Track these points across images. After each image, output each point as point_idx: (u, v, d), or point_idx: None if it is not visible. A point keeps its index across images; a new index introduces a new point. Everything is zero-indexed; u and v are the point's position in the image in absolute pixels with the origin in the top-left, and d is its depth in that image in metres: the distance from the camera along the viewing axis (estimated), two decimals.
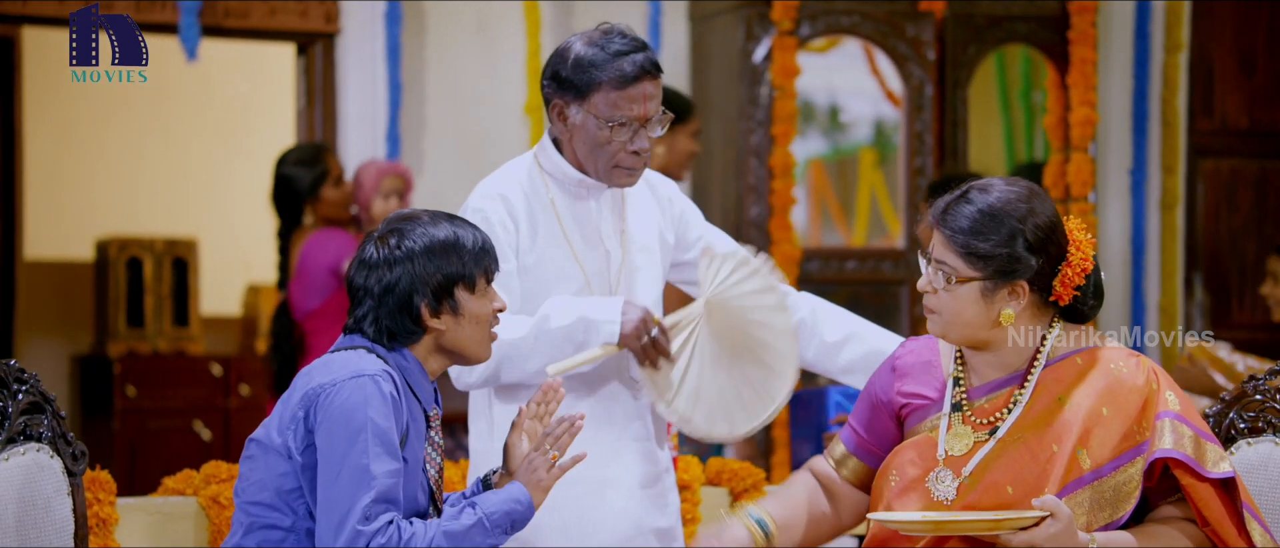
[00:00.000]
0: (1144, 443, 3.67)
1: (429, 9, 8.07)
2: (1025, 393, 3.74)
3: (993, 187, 3.75)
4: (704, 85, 8.27)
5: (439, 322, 3.76)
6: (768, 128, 7.88)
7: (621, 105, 4.41)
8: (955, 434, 3.76)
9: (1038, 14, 8.34)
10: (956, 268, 3.72)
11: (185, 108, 11.24)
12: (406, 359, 3.76)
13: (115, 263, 10.42)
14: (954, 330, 3.77)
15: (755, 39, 7.89)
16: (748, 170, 7.90)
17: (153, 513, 4.76)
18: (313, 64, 8.00)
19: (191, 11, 7.49)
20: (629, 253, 4.58)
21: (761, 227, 7.88)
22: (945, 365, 3.87)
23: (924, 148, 8.06)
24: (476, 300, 3.77)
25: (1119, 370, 3.73)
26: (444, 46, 8.08)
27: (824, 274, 8.01)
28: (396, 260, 3.73)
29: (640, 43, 4.45)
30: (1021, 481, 3.67)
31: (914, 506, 3.73)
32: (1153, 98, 8.80)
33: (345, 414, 3.58)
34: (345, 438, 3.57)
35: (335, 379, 3.62)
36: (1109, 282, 8.61)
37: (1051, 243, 3.72)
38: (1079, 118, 8.25)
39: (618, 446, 4.56)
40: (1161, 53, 8.79)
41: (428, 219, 3.79)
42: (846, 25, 8.07)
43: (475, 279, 3.77)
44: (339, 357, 3.69)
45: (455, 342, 3.78)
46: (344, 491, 3.55)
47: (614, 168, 4.48)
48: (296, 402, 3.65)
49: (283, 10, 7.85)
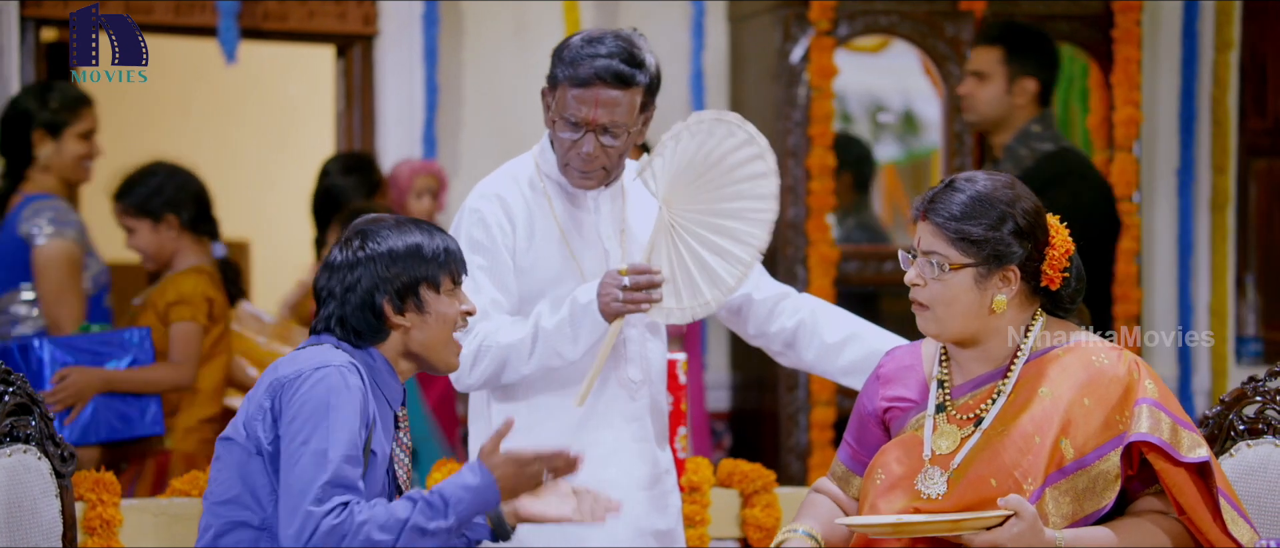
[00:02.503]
0: (1123, 433, 3.68)
1: (466, 10, 8.08)
2: (1008, 384, 3.76)
3: (977, 177, 3.79)
4: (742, 86, 8.24)
5: (405, 320, 3.78)
6: (805, 128, 7.84)
7: (571, 105, 4.40)
8: (941, 433, 3.77)
9: (1081, 13, 8.26)
10: (948, 255, 3.73)
11: (236, 110, 11.30)
12: (373, 358, 3.79)
13: None
14: (946, 323, 3.77)
15: (792, 39, 7.85)
16: (785, 171, 7.85)
17: (158, 514, 4.77)
18: (351, 66, 8.02)
19: (230, 14, 7.53)
20: (629, 252, 4.57)
21: (799, 228, 7.84)
22: (928, 369, 3.89)
23: (963, 148, 8.00)
24: (443, 301, 3.81)
25: (1100, 362, 3.75)
26: (481, 48, 8.09)
27: (862, 275, 7.96)
28: (359, 262, 3.77)
29: (627, 53, 4.41)
30: (1004, 472, 3.67)
31: (899, 503, 3.74)
32: (1202, 97, 8.70)
33: (308, 402, 3.61)
34: (307, 424, 3.59)
35: (300, 370, 3.66)
36: (1157, 283, 8.62)
37: (1038, 228, 3.77)
38: (1123, 117, 8.17)
39: (616, 446, 4.55)
40: (1211, 51, 8.68)
41: (392, 224, 3.83)
42: (885, 25, 8.02)
43: (440, 280, 3.81)
44: (305, 351, 3.73)
45: (421, 342, 3.81)
46: (301, 474, 3.56)
47: (566, 166, 4.49)
48: (262, 393, 3.68)
49: (321, 12, 7.88)
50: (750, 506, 5.30)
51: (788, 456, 7.78)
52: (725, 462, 5.29)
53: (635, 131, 4.47)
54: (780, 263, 7.77)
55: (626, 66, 4.39)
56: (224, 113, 11.31)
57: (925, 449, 3.76)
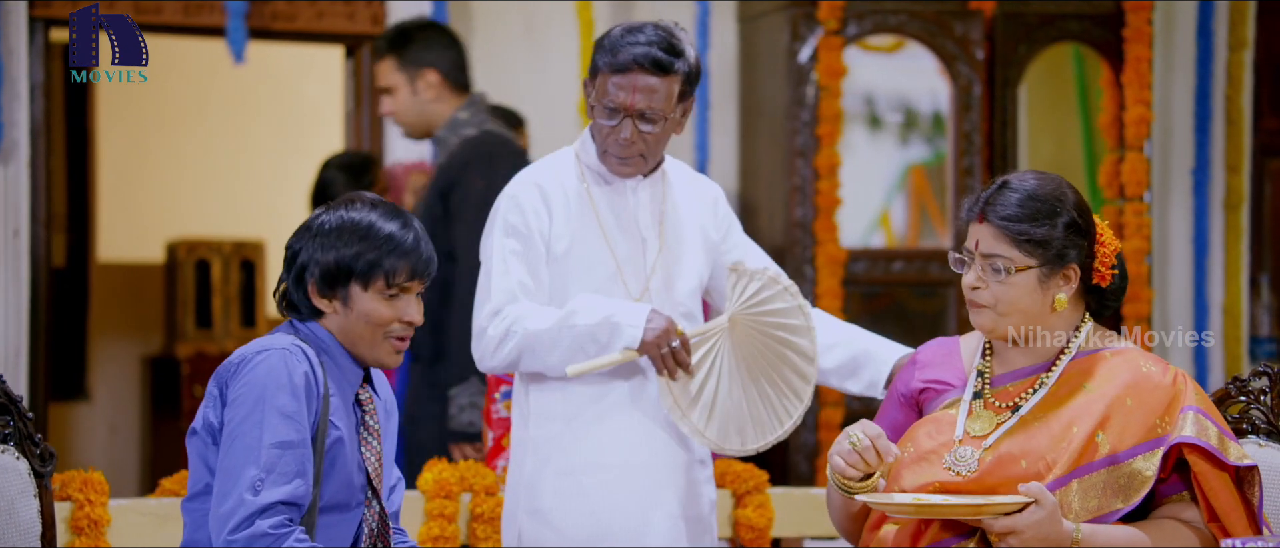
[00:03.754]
0: (1165, 436, 3.68)
1: (476, 11, 8.08)
2: (1053, 376, 3.77)
3: (1027, 176, 3.80)
4: (752, 86, 8.23)
5: (326, 305, 3.69)
6: (813, 128, 7.82)
7: (611, 91, 4.47)
8: (976, 417, 3.77)
9: (1091, 12, 8.22)
10: (1012, 258, 3.73)
11: (254, 111, 11.34)
12: (320, 337, 3.70)
13: (184, 265, 10.54)
14: (1008, 322, 3.78)
15: (801, 39, 7.83)
16: (794, 171, 7.84)
17: (146, 515, 4.78)
18: (360, 66, 8.02)
19: (238, 14, 7.53)
20: (666, 244, 4.61)
21: (807, 227, 7.82)
22: (967, 360, 3.90)
23: (972, 148, 7.97)
24: (369, 299, 3.67)
25: (1147, 368, 3.75)
26: (491, 48, 8.08)
27: (870, 275, 7.94)
28: (308, 231, 3.69)
29: (666, 42, 4.48)
30: (1036, 455, 3.68)
31: (926, 477, 3.73)
32: (1216, 96, 8.65)
33: (246, 387, 3.56)
34: (244, 410, 3.54)
35: (244, 355, 3.60)
36: (1172, 283, 8.60)
37: (1090, 224, 3.79)
38: (1134, 117, 8.13)
39: (647, 432, 4.58)
40: (1225, 50, 8.64)
41: (364, 204, 3.71)
42: (894, 24, 7.99)
43: (371, 276, 3.66)
44: (259, 339, 3.67)
45: (344, 332, 3.70)
46: (235, 462, 3.52)
47: (605, 153, 4.55)
48: (212, 380, 3.64)
49: (330, 12, 7.87)
50: (742, 506, 5.30)
51: (795, 455, 7.76)
52: (718, 462, 5.28)
53: (674, 121, 4.54)
54: (789, 262, 7.75)
55: (665, 54, 4.46)
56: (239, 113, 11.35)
57: (958, 429, 3.76)
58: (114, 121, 10.95)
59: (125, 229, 11.04)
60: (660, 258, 4.61)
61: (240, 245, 10.73)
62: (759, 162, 8.15)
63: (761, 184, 8.14)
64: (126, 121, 11.06)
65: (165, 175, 11.27)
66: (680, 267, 4.65)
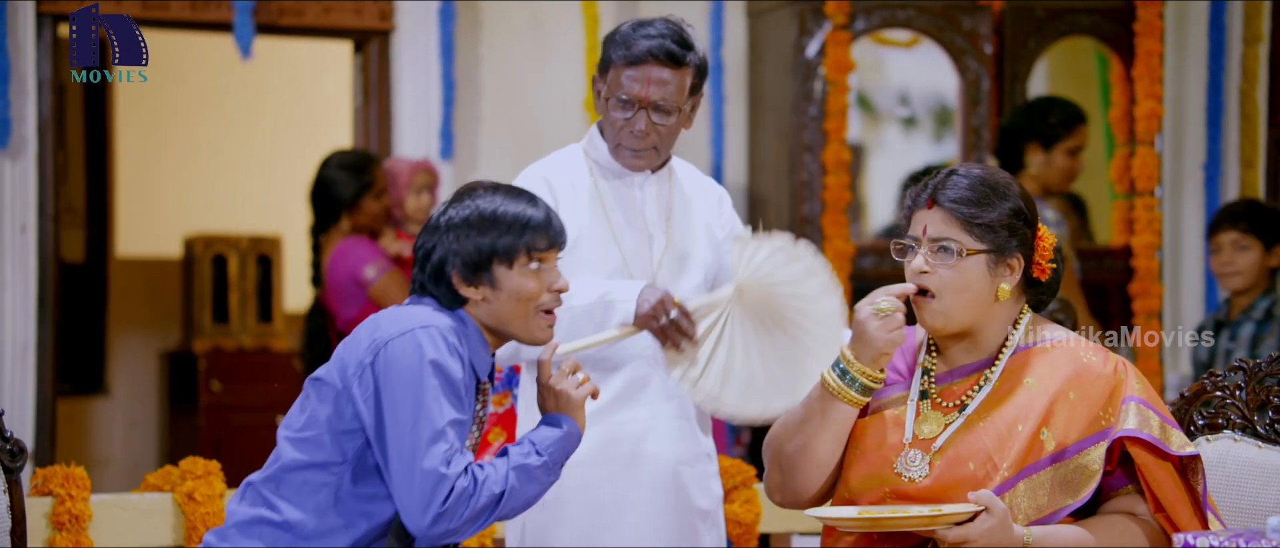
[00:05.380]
0: (1109, 428, 3.69)
1: (484, 7, 8.09)
2: (995, 372, 3.78)
3: (973, 166, 3.83)
4: (760, 81, 8.22)
5: (474, 293, 3.75)
6: (821, 123, 7.80)
7: (624, 83, 4.51)
8: (924, 419, 3.78)
9: (1102, 6, 8.18)
10: (962, 241, 3.74)
11: (271, 106, 11.37)
12: (465, 324, 3.76)
13: (201, 260, 10.56)
14: (954, 313, 3.77)
15: (809, 33, 7.82)
16: (801, 166, 7.83)
17: (128, 510, 4.79)
18: (368, 62, 8.04)
19: (246, 10, 7.55)
20: (673, 239, 4.63)
21: (815, 222, 7.81)
22: (919, 354, 3.90)
23: (981, 142, 7.94)
24: (516, 276, 3.75)
25: (1088, 359, 3.76)
26: (498, 44, 8.09)
27: (878, 270, 7.91)
28: (438, 228, 3.75)
29: (677, 35, 4.53)
30: (984, 456, 3.69)
31: (875, 481, 3.76)
32: (1230, 90, 8.60)
33: (414, 363, 3.61)
34: (413, 385, 3.59)
35: (405, 329, 3.65)
36: (1183, 279, 8.53)
37: (1034, 216, 3.82)
38: (1145, 111, 8.09)
39: (653, 421, 4.59)
40: (1239, 44, 8.58)
41: (483, 191, 3.79)
42: (902, 19, 7.97)
43: (514, 254, 3.74)
44: (408, 310, 3.72)
45: (494, 315, 3.77)
46: (418, 438, 3.57)
47: (618, 146, 4.58)
48: (364, 349, 3.66)
49: (338, 9, 7.89)
50: (730, 501, 5.29)
51: None
52: None
53: (685, 114, 4.58)
54: None
55: (678, 47, 4.52)
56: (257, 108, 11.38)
57: (906, 432, 3.76)
58: (133, 117, 10.99)
59: (143, 225, 11.08)
60: (667, 253, 4.63)
61: (257, 241, 10.75)
62: (767, 156, 8.14)
63: (769, 179, 8.13)
64: (145, 117, 11.09)
65: (183, 171, 11.30)
66: (687, 262, 4.66)
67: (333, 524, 3.65)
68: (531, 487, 3.70)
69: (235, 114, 11.36)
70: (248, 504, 3.70)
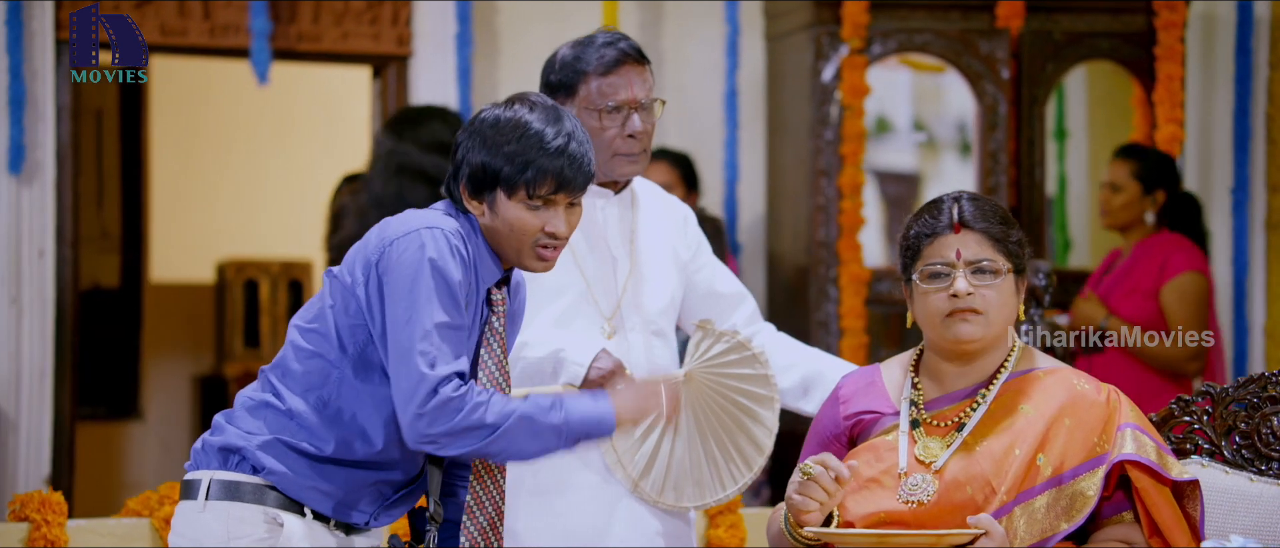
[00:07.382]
0: (1105, 454, 3.71)
1: (501, 32, 8.10)
2: (990, 394, 3.80)
3: (975, 193, 3.88)
4: (778, 105, 8.20)
5: (476, 208, 3.73)
6: (836, 147, 7.79)
7: (608, 91, 4.50)
8: (921, 445, 3.78)
9: (1122, 30, 8.12)
10: (998, 262, 3.78)
11: (303, 131, 11.42)
12: (475, 230, 3.74)
13: (233, 284, 10.63)
14: (995, 327, 3.80)
15: (825, 58, 7.80)
16: (818, 190, 7.81)
17: (105, 535, 4.79)
18: (387, 87, 8.07)
19: (263, 36, 7.58)
20: (637, 263, 4.61)
21: (830, 247, 7.78)
22: (893, 391, 3.90)
23: (998, 167, 7.90)
24: (512, 207, 3.70)
25: (1081, 387, 3.79)
26: (515, 70, 8.10)
27: (894, 295, 7.88)
28: (471, 128, 3.74)
29: (621, 35, 4.55)
30: (980, 479, 3.70)
31: (872, 505, 3.74)
32: (1256, 114, 8.52)
33: (414, 262, 3.61)
34: (411, 283, 3.60)
35: (411, 228, 3.65)
36: None
37: None
38: (1165, 135, 8.01)
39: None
40: (1266, 68, 8.51)
41: (523, 107, 3.73)
42: (919, 43, 7.94)
43: (514, 186, 3.69)
44: (420, 212, 3.73)
45: (492, 235, 3.74)
46: (412, 334, 3.57)
47: (614, 157, 4.55)
48: (372, 247, 3.68)
49: (355, 34, 7.92)
50: (715, 526, 5.28)
51: None
52: None
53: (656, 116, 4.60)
54: (812, 282, 7.73)
55: (635, 44, 4.55)
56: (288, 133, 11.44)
57: (902, 459, 3.76)
58: (167, 143, 11.06)
59: (177, 250, 11.15)
60: (631, 277, 4.61)
61: (288, 265, 10.81)
62: (784, 180, 8.13)
63: (785, 203, 8.11)
64: (179, 143, 11.17)
65: (216, 196, 11.37)
66: (651, 286, 4.64)
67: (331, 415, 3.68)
68: (532, 442, 3.64)
69: (266, 139, 11.42)
70: (256, 389, 3.74)
